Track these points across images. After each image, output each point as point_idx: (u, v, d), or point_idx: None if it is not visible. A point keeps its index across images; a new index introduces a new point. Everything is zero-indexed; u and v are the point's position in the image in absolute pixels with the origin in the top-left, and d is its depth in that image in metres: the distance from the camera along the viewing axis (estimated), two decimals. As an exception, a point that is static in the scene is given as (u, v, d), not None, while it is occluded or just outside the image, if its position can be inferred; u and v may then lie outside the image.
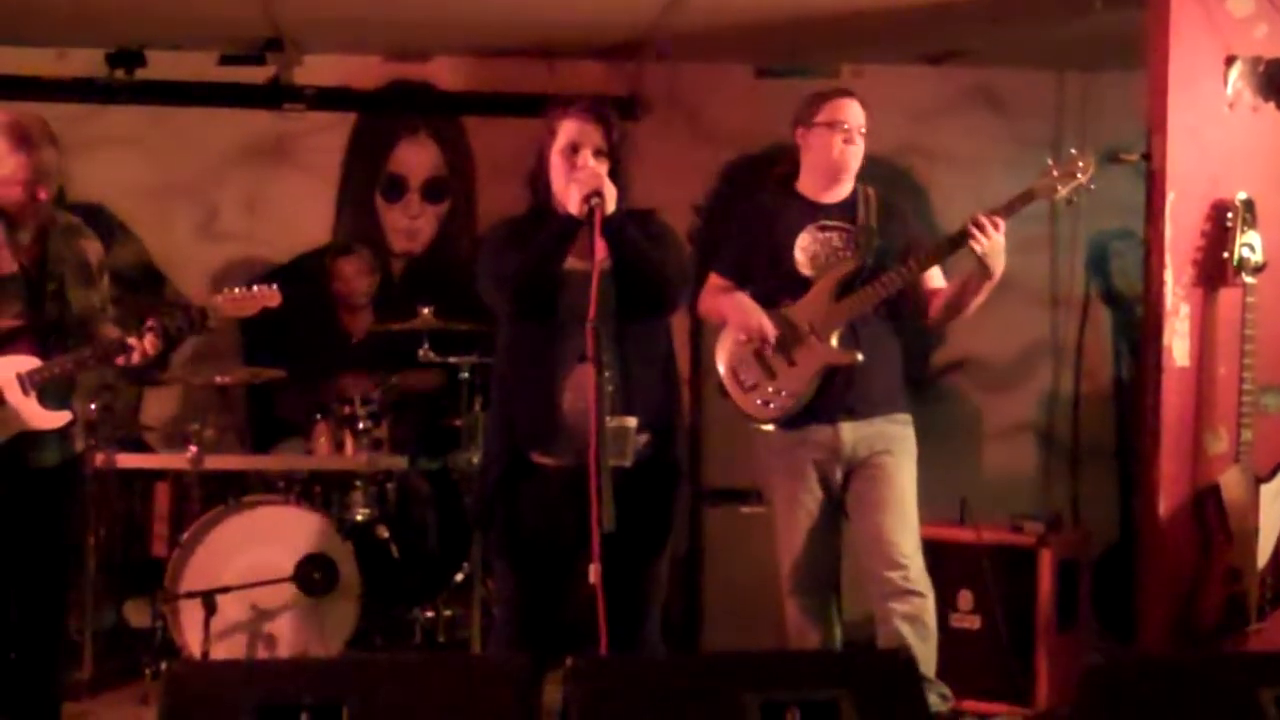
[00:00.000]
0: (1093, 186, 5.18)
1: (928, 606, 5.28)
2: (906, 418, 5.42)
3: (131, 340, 5.02)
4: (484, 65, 7.95)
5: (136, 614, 6.76)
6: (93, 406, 6.28)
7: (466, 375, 6.83)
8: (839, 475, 5.35)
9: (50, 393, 5.07)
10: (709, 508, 6.92)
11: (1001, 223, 5.06)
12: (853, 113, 5.34)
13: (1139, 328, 6.26)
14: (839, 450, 5.31)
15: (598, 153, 4.49)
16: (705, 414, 6.93)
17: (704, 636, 6.92)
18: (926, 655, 5.27)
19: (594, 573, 4.05)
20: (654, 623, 4.59)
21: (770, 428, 5.38)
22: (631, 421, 4.36)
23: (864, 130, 5.35)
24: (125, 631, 6.80)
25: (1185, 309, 5.64)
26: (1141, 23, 5.81)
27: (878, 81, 7.66)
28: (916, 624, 5.25)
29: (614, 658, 4.10)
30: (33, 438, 5.06)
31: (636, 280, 4.41)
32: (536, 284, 4.44)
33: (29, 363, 5.00)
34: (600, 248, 4.28)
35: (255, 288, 5.33)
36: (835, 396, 5.28)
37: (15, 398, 4.99)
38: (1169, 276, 5.63)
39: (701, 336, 6.97)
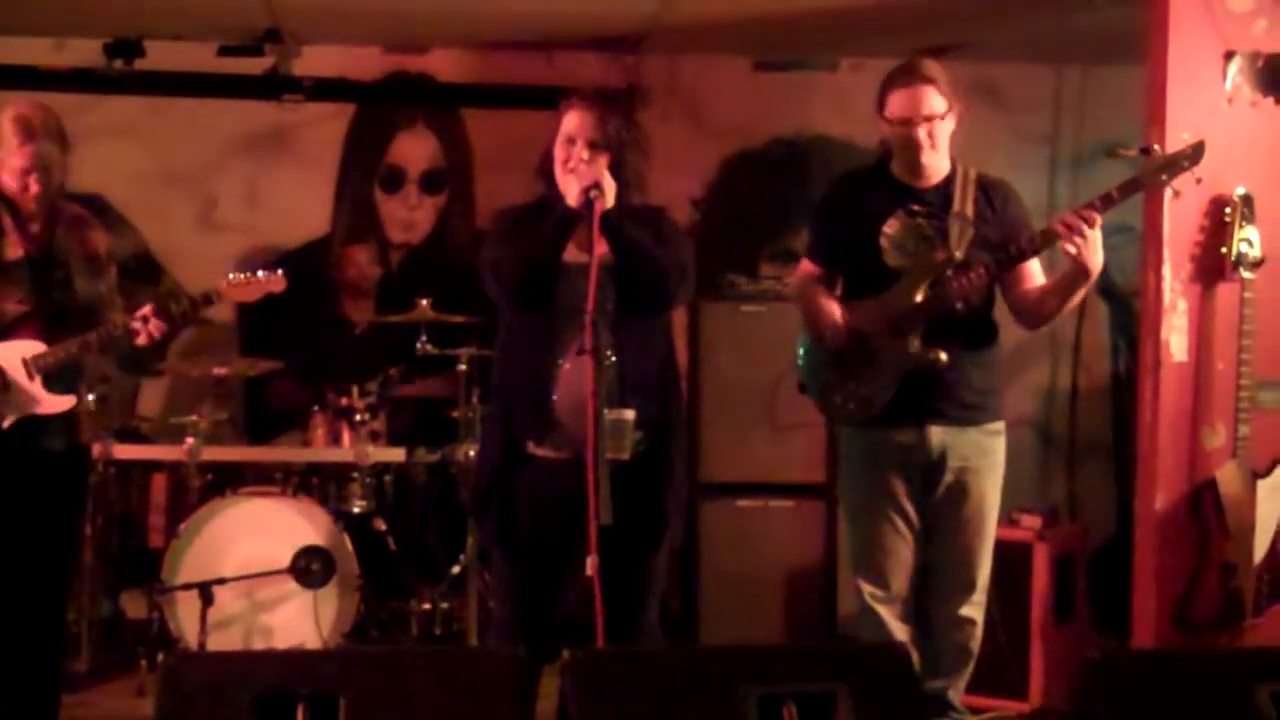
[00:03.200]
0: (1199, 175, 4.95)
1: (977, 635, 5.20)
2: (999, 426, 5.14)
3: (135, 324, 5.02)
4: (483, 57, 7.95)
5: (133, 605, 6.76)
6: (91, 397, 6.27)
7: (464, 367, 6.83)
8: (921, 480, 5.09)
9: (56, 378, 5.08)
10: (706, 501, 6.91)
11: (1097, 217, 4.72)
12: (920, 104, 4.95)
13: (1136, 322, 6.25)
14: (925, 454, 5.03)
15: (592, 145, 4.47)
16: (703, 408, 6.93)
17: (701, 630, 6.92)
18: (960, 683, 5.25)
19: (591, 565, 4.05)
20: (652, 616, 4.60)
21: (849, 428, 5.22)
22: (629, 414, 4.35)
23: (937, 114, 4.95)
24: (122, 622, 6.81)
25: (1183, 304, 5.63)
26: (1140, 17, 5.80)
27: (877, 74, 7.57)
28: (964, 654, 5.20)
29: (611, 650, 4.09)
30: (39, 423, 5.09)
31: (635, 276, 4.41)
32: (534, 275, 4.44)
33: (34, 347, 5.03)
34: (599, 241, 4.28)
35: (261, 273, 5.32)
36: (922, 398, 4.99)
37: (20, 382, 5.01)
38: (1167, 271, 5.62)
39: (700, 330, 6.99)
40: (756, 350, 6.84)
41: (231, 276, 5.30)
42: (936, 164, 5.07)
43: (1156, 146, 5.14)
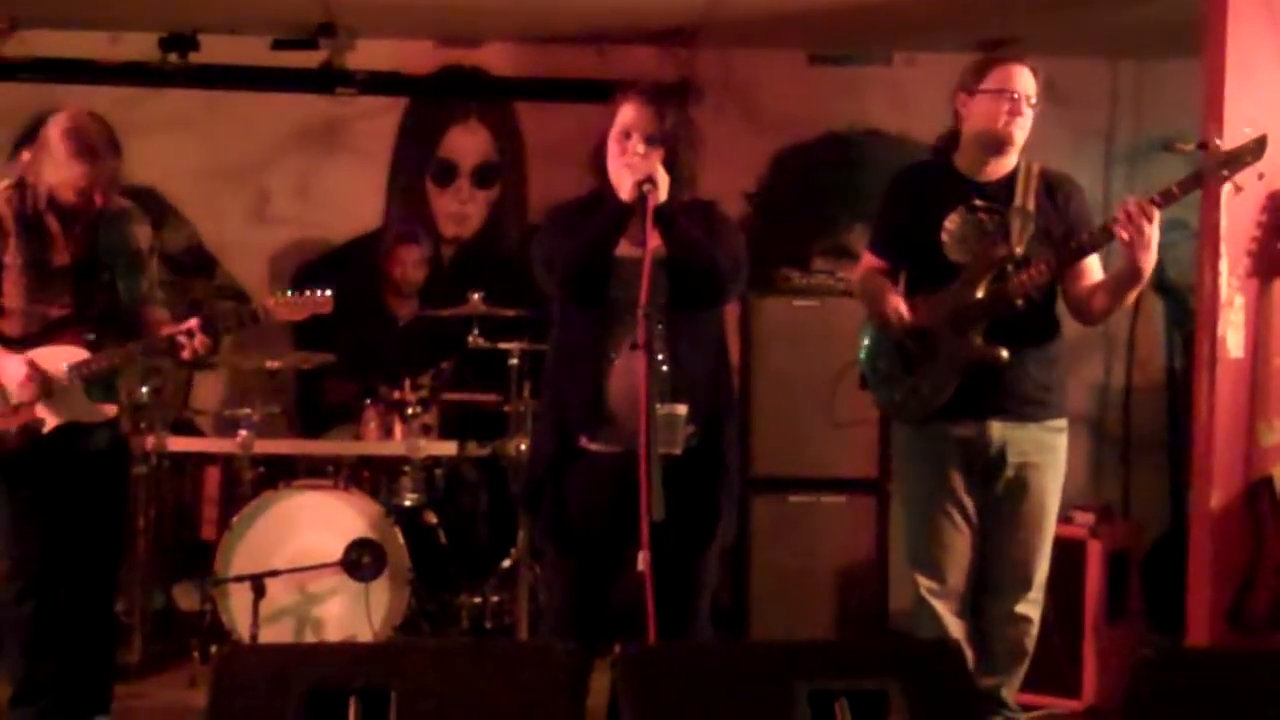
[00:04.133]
0: (1261, 169, 4.86)
1: (1033, 633, 5.16)
2: (1061, 423, 5.08)
3: (180, 339, 5.03)
4: (535, 50, 7.95)
5: (185, 597, 6.80)
6: (144, 390, 6.32)
7: (515, 362, 6.83)
8: (980, 475, 5.04)
9: (97, 384, 5.10)
10: (758, 496, 6.89)
11: (1155, 211, 4.64)
12: (1024, 81, 4.95)
13: (1192, 318, 6.20)
14: (985, 449, 4.99)
15: (649, 139, 4.45)
16: (755, 403, 6.92)
17: (752, 625, 6.90)
18: (1014, 681, 5.22)
19: (643, 560, 4.05)
20: (704, 612, 4.58)
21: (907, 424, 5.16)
22: (682, 409, 4.34)
23: (1035, 103, 4.98)
24: (174, 614, 6.85)
25: (1240, 300, 5.59)
26: (1198, 10, 5.76)
27: (931, 69, 7.62)
28: (1019, 651, 5.16)
29: (663, 645, 4.09)
30: (81, 426, 5.10)
31: (688, 270, 4.40)
32: (587, 270, 4.43)
33: (76, 353, 5.04)
34: (653, 235, 4.26)
35: (308, 292, 5.35)
36: (984, 392, 4.93)
37: (62, 388, 5.02)
38: (1223, 267, 5.58)
39: (752, 324, 6.97)
40: (809, 345, 6.82)
41: (278, 295, 5.34)
42: (1015, 149, 5.04)
43: (1216, 140, 5.08)
